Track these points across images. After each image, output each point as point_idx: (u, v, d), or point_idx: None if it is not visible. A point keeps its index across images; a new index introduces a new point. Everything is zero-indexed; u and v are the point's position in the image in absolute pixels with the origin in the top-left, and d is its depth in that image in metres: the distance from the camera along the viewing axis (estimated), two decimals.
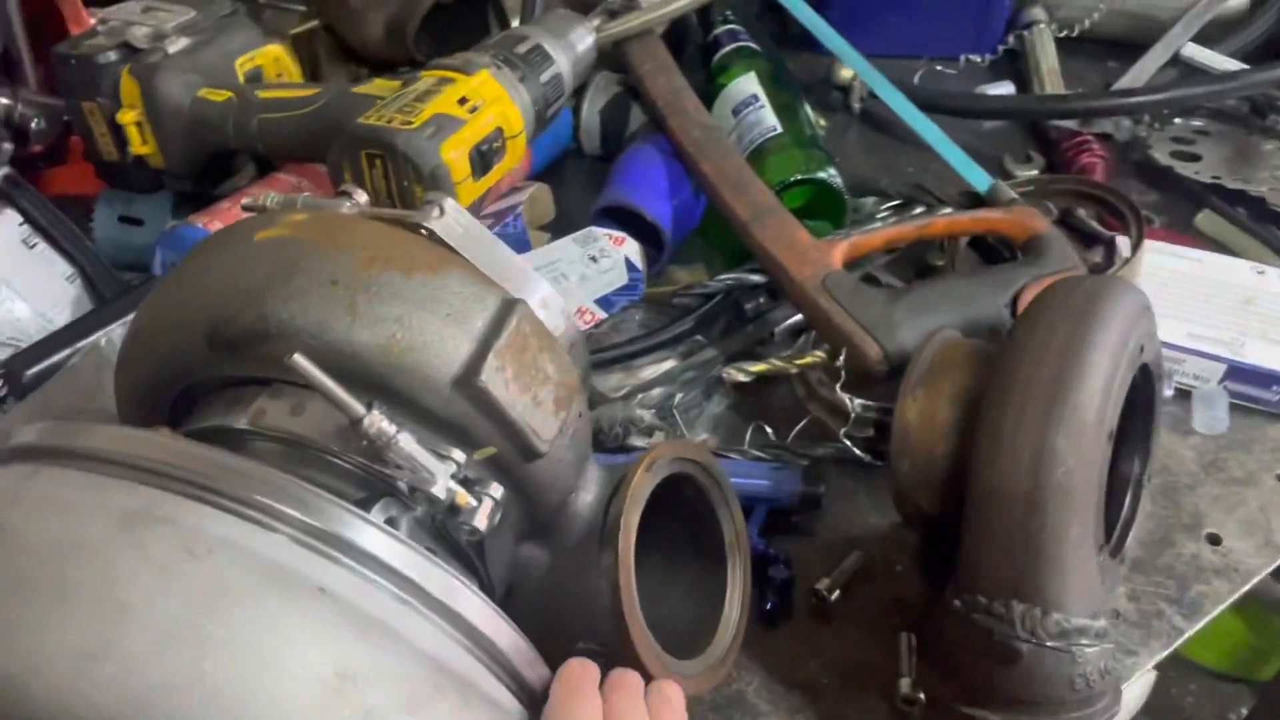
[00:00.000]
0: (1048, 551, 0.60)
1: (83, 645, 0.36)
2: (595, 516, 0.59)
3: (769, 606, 0.73)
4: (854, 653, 0.72)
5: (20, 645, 0.36)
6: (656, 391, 0.86)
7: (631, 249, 0.93)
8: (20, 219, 0.87)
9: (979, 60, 1.30)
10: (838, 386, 0.82)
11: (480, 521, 0.52)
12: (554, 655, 0.58)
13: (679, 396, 0.85)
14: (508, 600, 0.61)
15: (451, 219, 0.59)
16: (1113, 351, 0.62)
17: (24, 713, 0.35)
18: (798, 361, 0.87)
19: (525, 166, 1.02)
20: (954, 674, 0.65)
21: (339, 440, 0.51)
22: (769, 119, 1.00)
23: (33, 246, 0.87)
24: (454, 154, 0.75)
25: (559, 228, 1.01)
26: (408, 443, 0.50)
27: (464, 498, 0.52)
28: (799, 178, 0.95)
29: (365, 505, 0.50)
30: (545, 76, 0.87)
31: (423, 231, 0.58)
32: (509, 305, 0.55)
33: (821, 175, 0.95)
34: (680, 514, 0.67)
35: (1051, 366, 0.61)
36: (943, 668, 0.66)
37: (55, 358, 0.75)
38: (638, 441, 0.83)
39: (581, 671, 0.50)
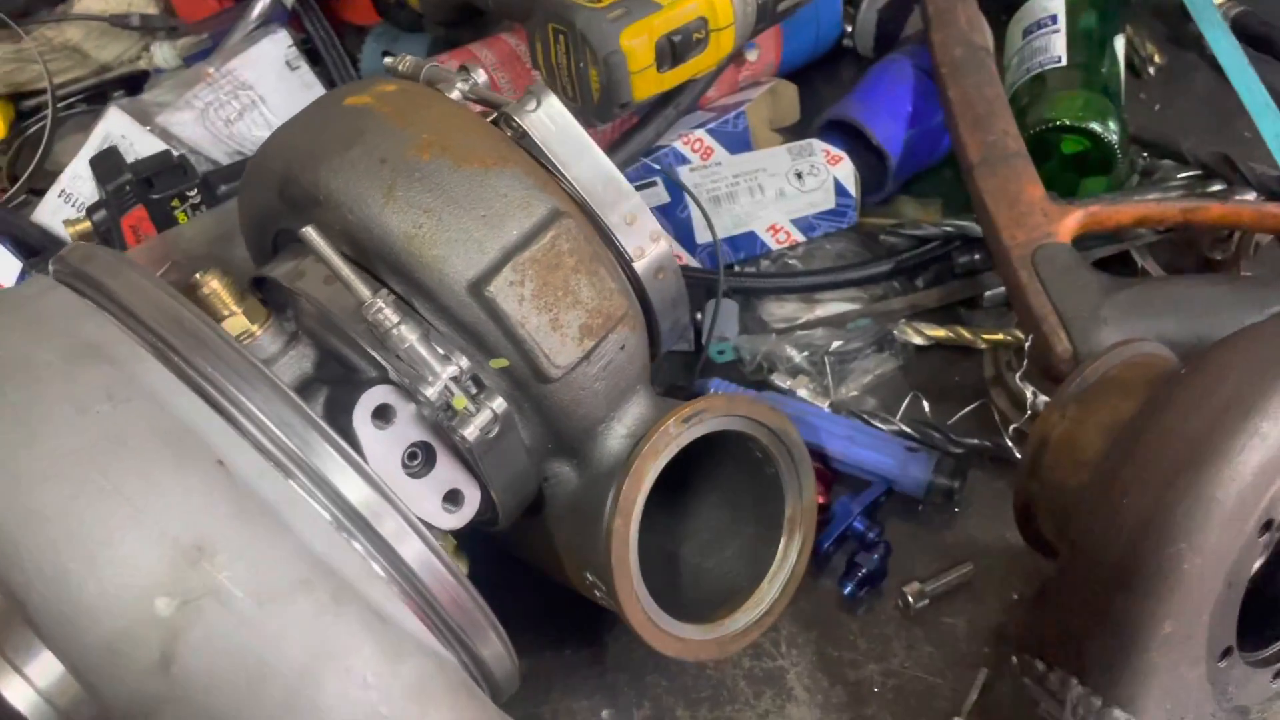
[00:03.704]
0: (1127, 639, 0.50)
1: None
2: (624, 452, 0.56)
3: (846, 591, 0.67)
4: (921, 672, 0.64)
5: None
6: (820, 331, 0.79)
7: (845, 171, 0.84)
8: (289, 41, 0.94)
9: None
10: (1017, 376, 0.71)
11: (469, 430, 0.50)
12: (569, 574, 0.57)
13: (837, 344, 0.78)
14: (533, 513, 0.60)
15: (545, 115, 0.56)
16: None
17: None
18: (986, 336, 0.77)
19: (773, 61, 0.95)
20: None
21: (355, 320, 0.51)
22: (1057, 47, 0.85)
23: (295, 69, 0.94)
24: (635, 41, 0.71)
25: (803, 134, 0.94)
26: (408, 336, 0.49)
27: (461, 402, 0.51)
28: (1064, 122, 0.80)
29: (364, 389, 0.51)
30: None
31: (513, 125, 0.56)
32: (552, 217, 0.52)
33: (1094, 126, 0.80)
34: (749, 470, 0.62)
35: (1202, 423, 0.49)
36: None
37: None
38: (780, 381, 0.77)
39: None
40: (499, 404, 0.52)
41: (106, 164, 0.77)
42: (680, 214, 0.84)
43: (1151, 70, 0.97)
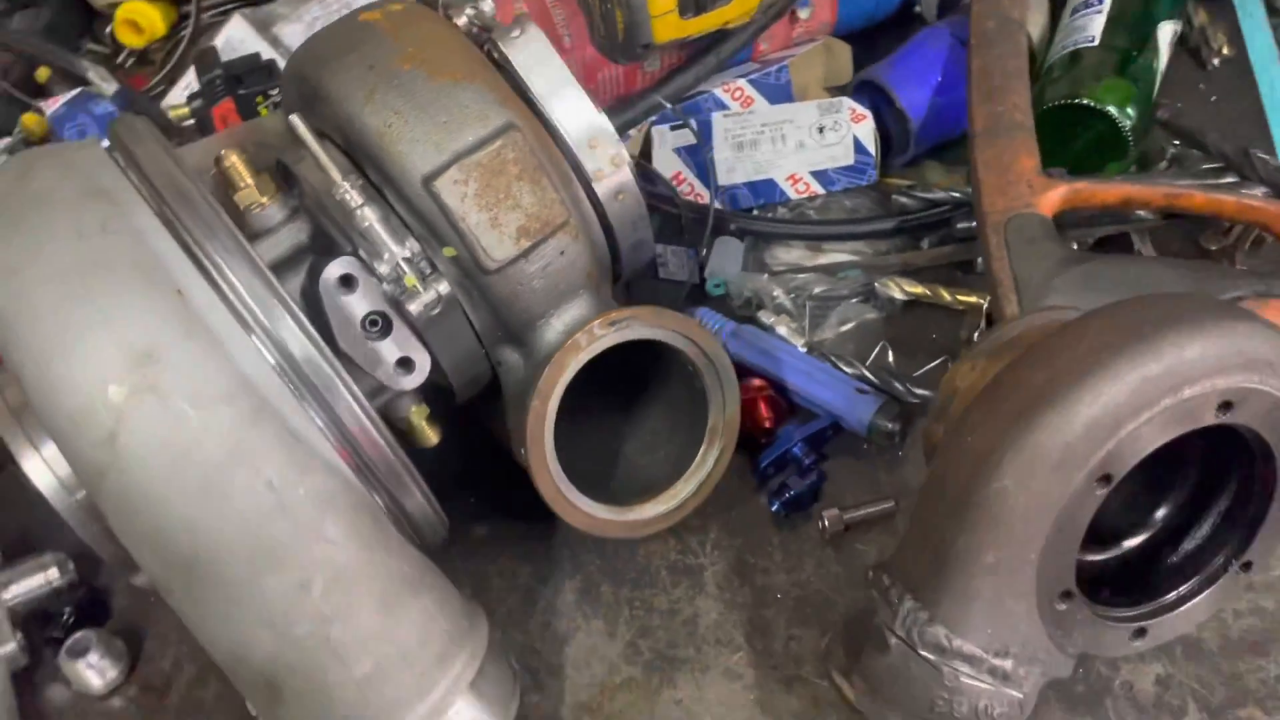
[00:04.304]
0: (953, 565, 0.55)
1: (6, 256, 0.51)
2: (559, 345, 0.64)
3: (774, 508, 0.73)
4: (824, 588, 0.70)
5: None
6: (810, 277, 0.84)
7: (865, 130, 0.88)
8: None
9: None
10: (975, 335, 0.75)
11: (415, 306, 0.60)
12: (514, 451, 0.65)
13: (821, 289, 0.83)
14: (488, 394, 0.68)
15: (524, 42, 0.64)
16: (1134, 387, 0.51)
17: None
18: (960, 296, 0.80)
19: (829, 20, 0.99)
20: (850, 639, 0.62)
21: (331, 200, 0.60)
22: (1094, 27, 0.86)
23: None
24: None
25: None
26: (369, 216, 0.59)
27: (411, 280, 0.60)
28: (1080, 102, 0.82)
29: (330, 257, 0.60)
30: None
31: (497, 49, 0.64)
32: (504, 129, 0.59)
33: (1110, 109, 0.81)
34: (686, 384, 0.69)
35: (1046, 376, 0.53)
36: (848, 630, 0.63)
37: None
38: (764, 318, 0.83)
39: None
40: (444, 287, 0.60)
41: (205, 61, 0.90)
42: (706, 155, 0.90)
43: (1216, 61, 0.96)
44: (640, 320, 0.63)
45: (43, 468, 0.58)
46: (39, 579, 0.74)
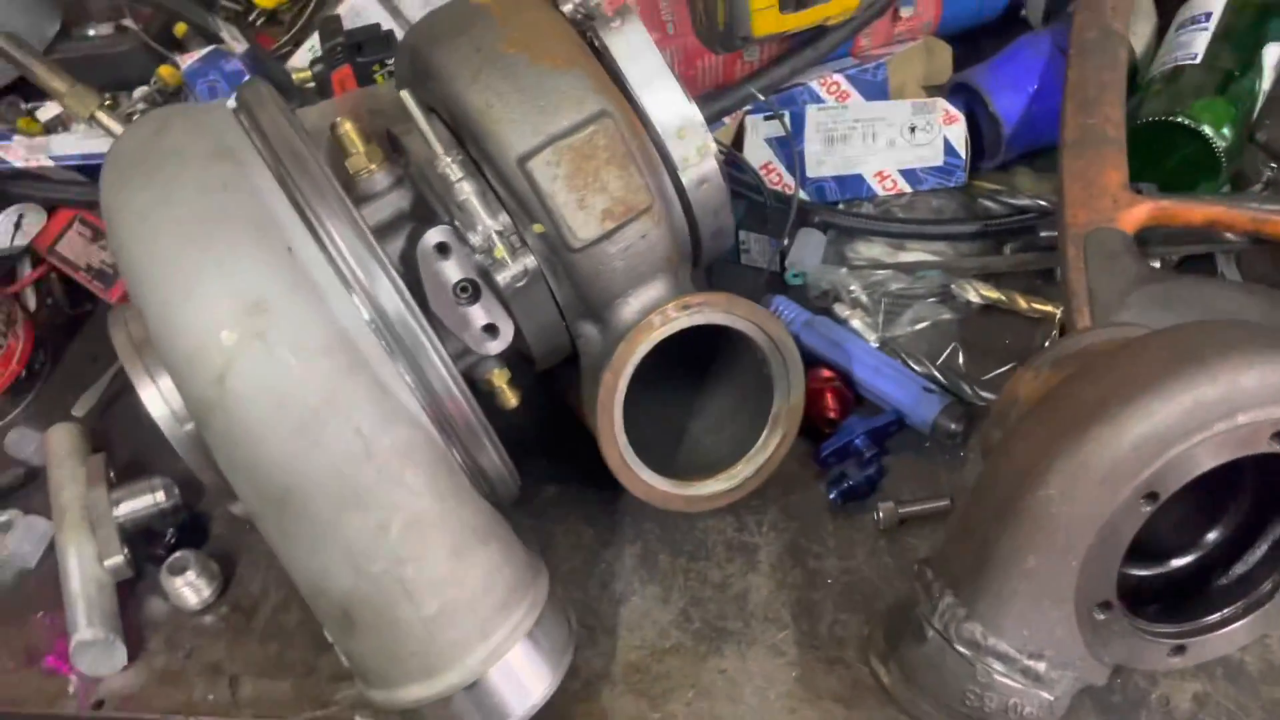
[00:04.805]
0: (994, 565, 0.57)
1: (139, 203, 0.56)
2: (636, 322, 0.67)
3: (831, 496, 0.76)
4: (873, 576, 0.72)
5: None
6: (888, 274, 0.86)
7: (956, 132, 0.89)
8: None
9: None
10: (1046, 343, 0.76)
11: (501, 275, 0.63)
12: (589, 422, 0.69)
13: (898, 286, 0.84)
14: (567, 363, 0.72)
15: (624, 32, 0.67)
16: (1187, 409, 0.52)
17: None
18: (1035, 304, 0.81)
19: (931, 19, 0.99)
20: (890, 627, 0.64)
21: (434, 172, 0.65)
22: (1197, 44, 0.85)
23: None
24: None
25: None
26: (466, 190, 0.63)
27: (501, 252, 0.64)
28: (1174, 119, 0.82)
29: (429, 225, 0.64)
30: None
31: (599, 38, 0.67)
32: (597, 116, 0.63)
33: (1204, 128, 0.81)
34: (754, 370, 0.72)
35: (1100, 391, 0.54)
36: (890, 619, 0.65)
37: None
38: (840, 311, 0.85)
39: None
40: (531, 261, 0.64)
41: (329, 27, 0.95)
42: (796, 147, 0.92)
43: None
44: (713, 306, 0.66)
45: (158, 398, 0.63)
46: (147, 500, 0.81)
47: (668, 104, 0.67)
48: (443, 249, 0.64)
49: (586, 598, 0.75)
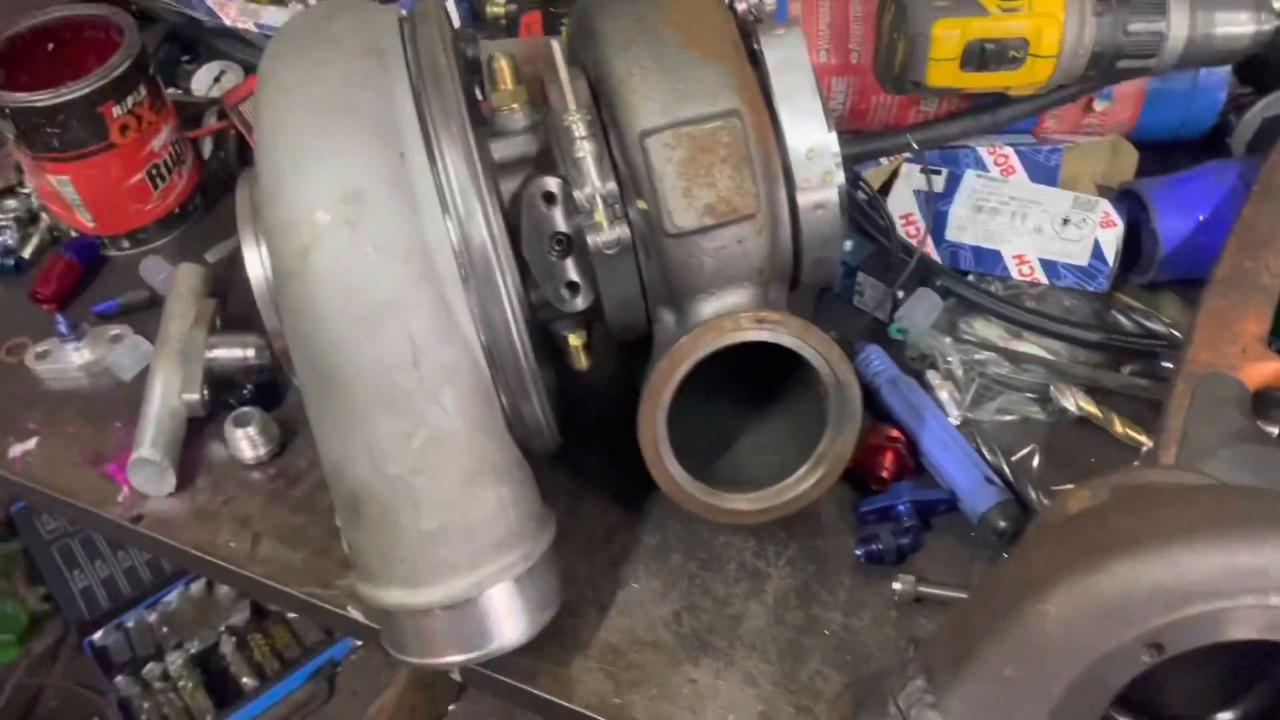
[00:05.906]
0: (973, 663, 0.55)
1: (287, 76, 0.61)
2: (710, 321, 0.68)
3: (857, 552, 0.74)
4: (871, 643, 0.71)
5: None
6: (991, 355, 0.83)
7: (1109, 238, 0.85)
8: None
9: None
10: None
11: (595, 239, 0.65)
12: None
13: (994, 369, 0.82)
14: (637, 342, 0.73)
15: (783, 42, 0.67)
16: (1217, 570, 0.49)
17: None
18: (1132, 433, 0.78)
19: (1126, 120, 0.95)
20: (861, 693, 0.63)
21: (560, 124, 0.66)
22: None
23: None
24: (947, 32, 0.77)
25: None
26: (585, 149, 0.64)
27: (599, 216, 0.65)
28: None
29: (546, 174, 0.67)
30: (1136, 27, 0.80)
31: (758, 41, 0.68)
32: (727, 113, 0.63)
33: None
34: (813, 402, 0.71)
35: (1132, 524, 0.52)
36: (863, 685, 0.64)
37: None
38: (931, 377, 0.83)
39: None
40: (625, 233, 0.65)
41: None
42: (942, 207, 0.90)
43: None
44: (786, 328, 0.66)
45: (257, 260, 0.67)
46: (237, 353, 0.87)
47: (805, 122, 0.67)
48: (549, 198, 0.66)
49: (592, 570, 0.76)
